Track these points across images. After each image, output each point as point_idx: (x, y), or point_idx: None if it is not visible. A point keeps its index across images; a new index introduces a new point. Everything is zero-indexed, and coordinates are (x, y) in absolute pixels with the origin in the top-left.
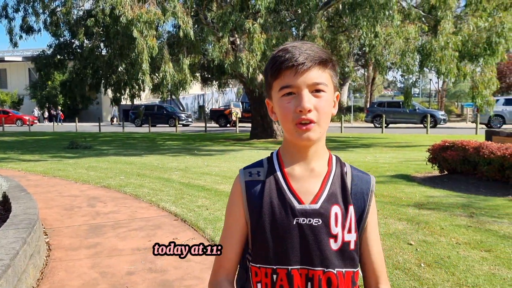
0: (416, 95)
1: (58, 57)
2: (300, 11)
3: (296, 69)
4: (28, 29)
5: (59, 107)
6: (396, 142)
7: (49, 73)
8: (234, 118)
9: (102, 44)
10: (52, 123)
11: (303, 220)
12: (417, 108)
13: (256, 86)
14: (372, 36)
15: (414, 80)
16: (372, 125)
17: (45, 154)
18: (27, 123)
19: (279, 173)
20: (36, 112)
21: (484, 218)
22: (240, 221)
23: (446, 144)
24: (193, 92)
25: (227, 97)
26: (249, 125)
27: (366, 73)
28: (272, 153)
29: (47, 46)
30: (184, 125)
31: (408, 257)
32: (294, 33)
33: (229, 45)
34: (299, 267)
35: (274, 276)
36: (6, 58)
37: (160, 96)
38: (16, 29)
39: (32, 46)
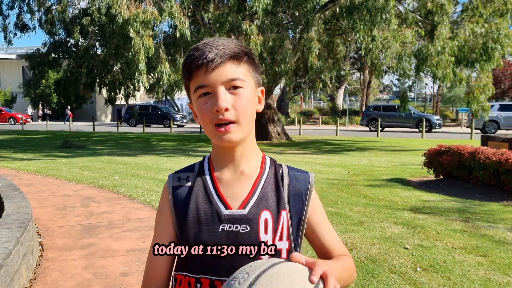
0: (412, 99)
1: (53, 55)
2: (297, 14)
3: (207, 66)
4: (22, 27)
5: (68, 107)
6: (391, 146)
7: (43, 72)
8: None
9: (97, 43)
10: (46, 122)
11: (230, 227)
12: (412, 112)
13: None
14: (369, 39)
15: (410, 84)
16: (367, 128)
17: (38, 153)
18: (20, 121)
19: (208, 177)
20: (30, 110)
21: (479, 223)
22: (169, 228)
23: (442, 148)
24: None
25: None
26: None
27: (362, 77)
28: (204, 157)
29: (42, 44)
30: (179, 126)
31: (404, 261)
32: (291, 35)
33: None
34: (224, 278)
35: (198, 286)
36: (0, 56)
37: (155, 97)
38: (11, 27)
39: (26, 44)
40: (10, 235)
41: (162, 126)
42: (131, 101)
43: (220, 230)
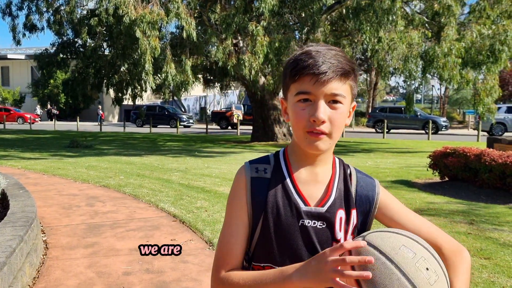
0: (418, 101)
1: (61, 55)
2: (303, 15)
3: (317, 78)
4: (31, 27)
5: (99, 106)
6: (397, 148)
7: (51, 72)
8: (235, 121)
9: (105, 44)
10: (54, 121)
11: (308, 222)
12: (419, 114)
13: (258, 88)
14: (375, 41)
15: (416, 86)
16: (373, 130)
17: (45, 153)
18: (28, 121)
19: (286, 173)
20: (39, 110)
21: (484, 225)
22: (244, 216)
23: (448, 150)
24: (195, 94)
25: (229, 99)
26: (250, 127)
27: (368, 78)
28: (278, 152)
29: (50, 44)
30: (185, 126)
31: None
32: (297, 36)
33: (232, 47)
34: None
35: None
36: (9, 56)
37: (162, 97)
38: (20, 27)
39: (35, 45)
40: (14, 233)
41: (169, 126)
42: (138, 102)
43: (299, 224)
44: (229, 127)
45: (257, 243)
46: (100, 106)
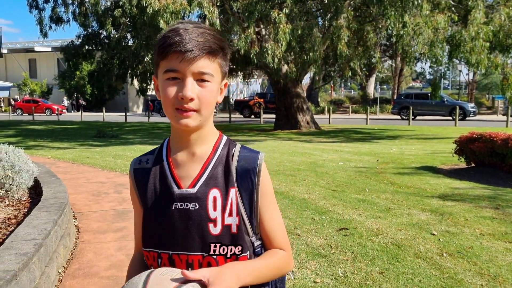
0: (446, 87)
1: (86, 47)
2: (326, 1)
3: (184, 55)
4: (57, 20)
5: (149, 97)
6: (423, 134)
7: (77, 63)
8: (258, 109)
9: (129, 35)
10: (80, 112)
11: (181, 205)
12: (445, 100)
13: (281, 76)
14: (400, 26)
15: (443, 71)
16: (398, 117)
17: (73, 142)
18: (56, 112)
19: (164, 159)
20: (66, 101)
21: (510, 210)
22: (137, 206)
23: (474, 136)
24: None
25: (252, 88)
26: (274, 116)
27: (393, 64)
28: (164, 140)
29: (76, 36)
30: None
31: (430, 246)
32: (320, 23)
33: (255, 35)
34: (180, 252)
35: (159, 260)
36: (36, 48)
37: None
38: (46, 20)
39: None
40: (48, 217)
41: None
42: None
43: (173, 208)
44: (252, 116)
45: (143, 230)
46: (149, 97)
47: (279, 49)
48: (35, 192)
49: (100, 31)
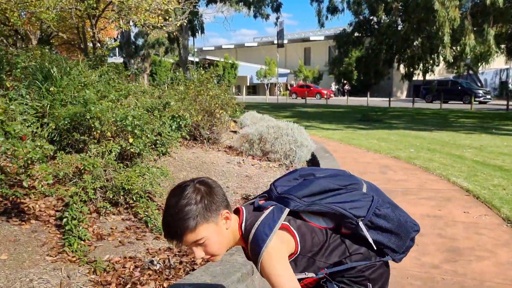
0: None
1: (356, 34)
2: None
3: (172, 242)
4: (333, 10)
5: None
6: None
7: (347, 50)
8: None
9: (399, 19)
10: (346, 97)
11: None
12: None
13: None
14: None
15: None
16: None
17: (340, 124)
18: (325, 96)
19: None
20: (333, 86)
21: None
22: None
23: None
24: (495, 67)
25: None
26: None
27: None
28: None
29: (348, 24)
30: (480, 103)
31: None
32: None
33: None
34: None
35: None
36: (311, 38)
37: (455, 71)
38: (324, 11)
39: (333, 26)
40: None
41: (461, 102)
42: (429, 77)
43: None
44: None
45: None
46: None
47: None
48: (312, 164)
49: (371, 17)
